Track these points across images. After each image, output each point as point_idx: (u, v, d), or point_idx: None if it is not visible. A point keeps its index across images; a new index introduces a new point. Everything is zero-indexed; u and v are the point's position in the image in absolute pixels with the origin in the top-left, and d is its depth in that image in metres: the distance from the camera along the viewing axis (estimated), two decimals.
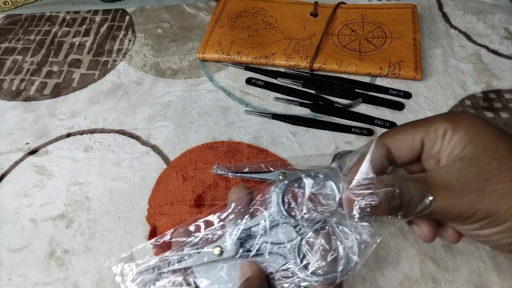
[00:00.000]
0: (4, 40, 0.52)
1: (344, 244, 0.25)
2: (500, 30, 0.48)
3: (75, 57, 0.50)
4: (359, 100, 0.42)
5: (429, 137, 0.25)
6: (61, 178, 0.38)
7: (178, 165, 0.38)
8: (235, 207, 0.26)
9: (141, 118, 0.42)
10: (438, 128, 0.25)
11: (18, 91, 0.46)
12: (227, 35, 0.48)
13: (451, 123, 0.24)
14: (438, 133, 0.25)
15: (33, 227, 0.34)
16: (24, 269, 0.32)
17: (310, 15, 0.50)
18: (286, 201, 0.25)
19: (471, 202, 0.23)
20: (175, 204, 0.35)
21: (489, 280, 0.29)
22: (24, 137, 0.41)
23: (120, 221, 0.34)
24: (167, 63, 0.48)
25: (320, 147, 0.38)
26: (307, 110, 0.42)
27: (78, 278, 0.31)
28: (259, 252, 0.25)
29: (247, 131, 0.40)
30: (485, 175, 0.23)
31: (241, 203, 0.26)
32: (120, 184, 0.37)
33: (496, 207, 0.23)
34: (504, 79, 0.43)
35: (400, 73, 0.42)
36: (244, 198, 0.27)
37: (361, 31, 0.47)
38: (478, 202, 0.23)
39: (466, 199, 0.23)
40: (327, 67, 0.44)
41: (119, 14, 0.55)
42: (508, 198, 0.22)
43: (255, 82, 0.45)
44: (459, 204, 0.23)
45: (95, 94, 0.45)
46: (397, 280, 0.30)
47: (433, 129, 0.25)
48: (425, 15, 0.51)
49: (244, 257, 0.25)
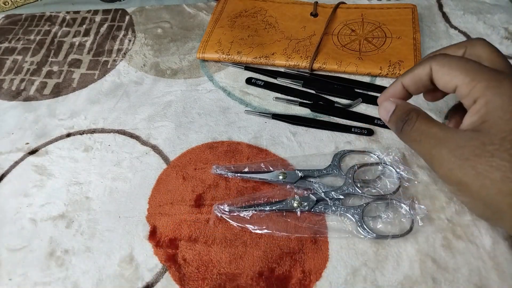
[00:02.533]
0: (4, 40, 0.52)
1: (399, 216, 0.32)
2: (500, 30, 0.48)
3: (75, 57, 0.50)
4: (359, 100, 0.42)
5: (463, 90, 0.27)
6: (61, 178, 0.38)
7: (178, 165, 0.38)
8: None
9: (141, 118, 0.42)
10: (473, 91, 0.26)
11: (18, 91, 0.46)
12: (227, 35, 0.48)
13: (486, 95, 0.26)
14: (471, 95, 0.26)
15: (33, 227, 0.34)
16: (24, 269, 0.32)
17: (310, 15, 0.50)
18: (357, 179, 0.34)
19: (450, 163, 0.25)
20: (175, 204, 0.35)
21: (489, 280, 0.29)
22: (24, 137, 0.41)
23: (120, 221, 0.34)
24: (167, 63, 0.48)
25: (320, 147, 0.38)
26: (307, 110, 0.42)
27: (78, 278, 0.31)
28: (329, 210, 0.33)
29: (247, 131, 0.40)
30: (479, 151, 0.25)
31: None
32: (120, 184, 0.37)
33: (469, 180, 0.25)
34: None
35: (400, 73, 0.42)
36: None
37: (361, 31, 0.47)
38: (457, 167, 0.25)
39: (446, 159, 0.26)
40: (327, 67, 0.44)
41: (119, 14, 0.55)
42: (483, 178, 0.24)
43: (255, 82, 0.45)
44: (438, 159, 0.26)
45: (95, 94, 0.45)
46: (397, 280, 0.30)
47: (469, 87, 0.26)
48: (425, 15, 0.51)
49: (317, 212, 0.33)
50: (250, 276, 0.31)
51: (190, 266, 0.31)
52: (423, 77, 0.29)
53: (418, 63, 0.29)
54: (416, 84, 0.30)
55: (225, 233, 0.33)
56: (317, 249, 0.32)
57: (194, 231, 0.33)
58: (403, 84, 0.30)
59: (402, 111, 0.29)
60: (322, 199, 0.33)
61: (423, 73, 0.29)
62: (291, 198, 0.33)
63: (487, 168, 0.24)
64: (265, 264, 0.31)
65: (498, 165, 0.24)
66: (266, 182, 0.35)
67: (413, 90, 0.30)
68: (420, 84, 0.30)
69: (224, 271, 0.31)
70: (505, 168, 0.24)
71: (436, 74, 0.28)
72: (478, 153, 0.25)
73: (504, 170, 0.24)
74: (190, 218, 0.34)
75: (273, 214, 0.33)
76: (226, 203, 0.34)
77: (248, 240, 0.32)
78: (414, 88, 0.30)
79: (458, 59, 0.28)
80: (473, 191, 0.25)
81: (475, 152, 0.25)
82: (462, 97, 0.27)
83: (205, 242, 0.32)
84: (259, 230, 0.32)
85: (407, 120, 0.28)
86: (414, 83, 0.30)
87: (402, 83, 0.30)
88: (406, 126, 0.28)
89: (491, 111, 0.25)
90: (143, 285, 0.31)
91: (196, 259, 0.32)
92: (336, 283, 0.30)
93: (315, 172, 0.35)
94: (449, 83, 0.27)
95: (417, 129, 0.27)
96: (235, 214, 0.33)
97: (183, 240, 0.33)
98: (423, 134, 0.27)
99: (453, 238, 0.31)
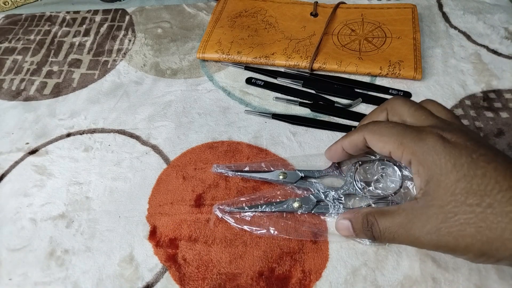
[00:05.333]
0: (4, 40, 0.52)
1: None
2: (500, 30, 0.48)
3: (75, 57, 0.50)
4: (359, 100, 0.42)
5: (396, 155, 0.28)
6: (61, 178, 0.38)
7: (178, 165, 0.38)
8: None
9: (141, 118, 0.42)
10: (404, 155, 0.27)
11: (18, 91, 0.46)
12: (227, 35, 0.48)
13: (415, 157, 0.26)
14: (404, 159, 0.27)
15: (33, 227, 0.34)
16: (24, 269, 0.32)
17: (310, 15, 0.50)
18: (357, 178, 0.33)
19: (430, 240, 0.25)
20: (175, 204, 0.35)
21: (489, 280, 0.29)
22: (24, 137, 0.41)
23: (120, 221, 0.34)
24: (167, 63, 0.48)
25: (320, 147, 0.38)
26: (307, 110, 0.42)
27: (78, 278, 0.31)
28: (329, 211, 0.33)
29: (247, 131, 0.40)
30: (442, 216, 0.25)
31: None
32: (120, 184, 0.37)
33: (453, 245, 0.25)
34: (504, 79, 0.43)
35: (400, 73, 0.42)
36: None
37: (361, 31, 0.47)
38: (436, 241, 0.25)
39: (425, 238, 0.25)
40: (327, 67, 0.44)
41: (119, 14, 0.55)
42: (462, 239, 0.24)
43: (255, 82, 0.45)
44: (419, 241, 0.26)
45: (95, 94, 0.45)
46: (397, 280, 0.30)
47: (400, 151, 0.27)
48: (425, 15, 0.51)
49: (318, 213, 0.33)
50: (250, 276, 0.31)
51: (190, 266, 0.31)
52: (359, 144, 0.31)
53: (354, 130, 0.31)
54: (353, 148, 0.32)
55: (225, 233, 0.33)
56: (317, 249, 0.32)
57: (194, 231, 0.33)
58: (342, 147, 0.32)
59: (360, 223, 0.29)
60: (322, 200, 0.33)
61: (359, 140, 0.30)
62: (292, 200, 0.33)
63: (460, 228, 0.24)
64: (265, 264, 0.31)
65: (465, 221, 0.24)
66: (266, 181, 0.35)
67: (352, 152, 0.32)
68: (357, 149, 0.31)
69: (224, 271, 0.31)
70: (473, 220, 0.24)
71: (370, 142, 0.29)
72: (442, 218, 0.25)
73: (474, 222, 0.24)
74: (190, 218, 0.34)
75: (273, 215, 0.33)
76: (226, 203, 0.34)
77: (248, 240, 0.32)
78: (353, 151, 0.32)
79: (385, 124, 0.29)
80: (460, 251, 0.25)
81: (440, 219, 0.25)
82: (398, 160, 0.28)
83: (205, 242, 0.32)
84: (259, 231, 0.32)
85: (371, 227, 0.28)
86: (351, 148, 0.32)
87: (342, 146, 0.32)
88: (375, 232, 0.28)
89: (427, 170, 0.26)
90: (143, 285, 0.31)
91: (196, 259, 0.32)
92: (336, 283, 0.30)
93: (316, 172, 0.35)
94: (383, 149, 0.28)
95: (384, 229, 0.27)
96: (236, 215, 0.33)
97: (183, 240, 0.33)
98: (391, 229, 0.27)
99: None
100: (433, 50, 0.46)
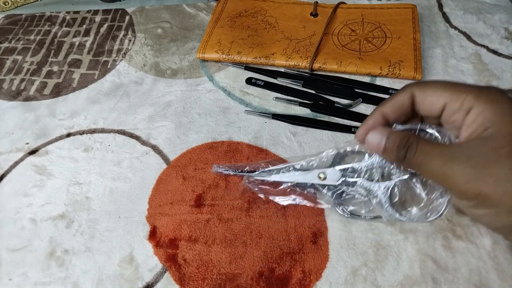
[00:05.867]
0: (4, 40, 0.52)
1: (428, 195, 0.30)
2: (500, 30, 0.48)
3: (75, 57, 0.50)
4: (359, 100, 0.42)
5: (453, 105, 0.26)
6: (61, 178, 0.38)
7: (178, 165, 0.38)
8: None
9: (141, 118, 0.42)
10: (465, 102, 0.26)
11: (18, 91, 0.46)
12: (227, 35, 0.48)
13: (480, 103, 0.25)
14: (463, 107, 0.26)
15: (33, 227, 0.34)
16: (24, 269, 0.32)
17: (310, 15, 0.50)
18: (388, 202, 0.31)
19: (468, 181, 0.24)
20: (175, 204, 0.35)
21: (489, 280, 0.29)
22: (24, 137, 0.41)
23: (120, 221, 0.34)
24: (167, 63, 0.48)
25: (320, 147, 0.38)
26: (307, 110, 0.42)
27: (78, 278, 0.31)
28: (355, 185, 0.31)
29: (247, 131, 0.40)
30: (494, 156, 0.24)
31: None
32: (120, 184, 0.37)
33: (489, 189, 0.24)
34: (504, 79, 0.43)
35: (400, 73, 0.42)
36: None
37: (361, 31, 0.47)
38: (473, 182, 0.24)
39: (462, 177, 0.24)
40: (327, 67, 0.44)
41: (119, 14, 0.55)
42: (504, 184, 0.23)
43: (255, 82, 0.45)
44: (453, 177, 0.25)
45: (95, 94, 0.45)
46: (397, 280, 0.30)
47: (459, 100, 0.26)
48: (425, 15, 0.51)
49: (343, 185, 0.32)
50: (250, 276, 0.31)
51: (190, 266, 0.31)
52: (405, 103, 0.29)
53: (396, 93, 0.29)
54: (397, 112, 0.29)
55: (225, 233, 0.33)
56: (317, 249, 0.32)
57: (194, 231, 0.33)
58: (382, 114, 0.30)
59: (400, 139, 0.28)
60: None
61: (405, 99, 0.29)
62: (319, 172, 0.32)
63: (507, 172, 0.23)
64: (265, 264, 0.31)
65: None
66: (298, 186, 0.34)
67: (393, 119, 0.30)
68: (401, 112, 0.29)
69: (224, 271, 0.31)
70: None
71: (419, 97, 0.28)
72: (492, 158, 0.24)
73: None
74: (190, 218, 0.34)
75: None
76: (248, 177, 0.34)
77: (248, 240, 0.32)
78: (395, 117, 0.30)
79: (437, 82, 0.28)
80: (495, 199, 0.24)
81: (489, 158, 0.24)
82: (453, 112, 0.27)
83: (205, 242, 0.32)
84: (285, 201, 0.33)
85: (408, 147, 0.27)
86: (395, 111, 0.29)
87: (382, 112, 0.30)
88: (410, 152, 0.27)
89: (489, 118, 0.25)
90: (143, 285, 0.31)
91: (196, 259, 0.32)
92: (336, 283, 0.30)
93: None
94: (436, 103, 0.27)
95: (421, 152, 0.26)
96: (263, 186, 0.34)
97: (183, 240, 0.33)
98: (429, 155, 0.26)
99: (453, 238, 0.31)
100: (433, 50, 0.46)
